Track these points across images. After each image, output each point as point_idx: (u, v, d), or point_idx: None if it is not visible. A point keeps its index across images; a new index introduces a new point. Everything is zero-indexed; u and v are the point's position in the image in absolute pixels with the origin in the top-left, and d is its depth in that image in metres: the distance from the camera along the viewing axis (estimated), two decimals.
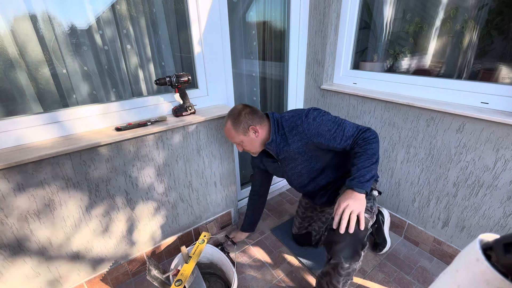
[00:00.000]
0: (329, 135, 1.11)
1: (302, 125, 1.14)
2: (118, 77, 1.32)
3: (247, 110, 1.20)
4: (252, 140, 1.22)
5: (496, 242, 0.32)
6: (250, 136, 1.21)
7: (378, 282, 1.41)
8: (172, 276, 1.23)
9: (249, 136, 1.21)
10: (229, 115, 1.22)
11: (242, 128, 1.19)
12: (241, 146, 1.26)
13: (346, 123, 1.13)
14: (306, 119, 1.14)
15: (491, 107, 1.23)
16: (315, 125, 1.12)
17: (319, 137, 1.13)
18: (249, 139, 1.21)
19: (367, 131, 1.10)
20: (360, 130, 1.11)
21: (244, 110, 1.20)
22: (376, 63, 1.81)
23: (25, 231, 1.07)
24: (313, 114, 1.14)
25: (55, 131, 1.13)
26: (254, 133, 1.20)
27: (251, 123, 1.19)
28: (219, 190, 1.68)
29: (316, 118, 1.13)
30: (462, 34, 1.37)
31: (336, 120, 1.13)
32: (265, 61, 2.02)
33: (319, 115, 1.13)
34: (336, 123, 1.12)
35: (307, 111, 1.16)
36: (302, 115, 1.15)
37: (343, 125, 1.12)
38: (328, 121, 1.12)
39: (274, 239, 1.72)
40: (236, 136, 1.21)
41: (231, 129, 1.21)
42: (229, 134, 1.23)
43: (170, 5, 1.37)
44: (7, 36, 1.01)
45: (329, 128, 1.11)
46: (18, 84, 1.08)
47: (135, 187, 1.30)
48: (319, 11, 1.76)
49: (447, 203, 1.43)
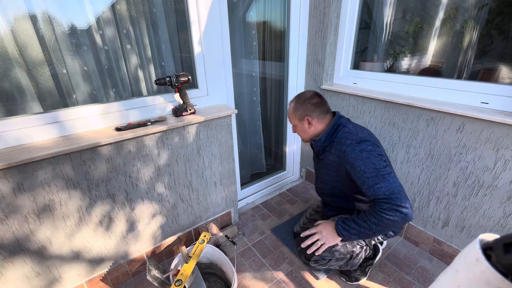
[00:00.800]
0: (360, 175, 1.05)
1: (347, 148, 1.10)
2: (118, 77, 1.32)
3: (314, 100, 1.22)
4: (304, 129, 1.26)
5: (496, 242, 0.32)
6: (303, 125, 1.25)
7: (378, 282, 1.41)
8: (172, 276, 1.23)
9: (303, 124, 1.25)
10: (296, 97, 1.28)
11: (299, 115, 1.24)
12: (294, 129, 1.33)
13: (387, 180, 1.00)
14: (355, 145, 1.09)
15: (491, 107, 1.23)
16: (357, 157, 1.06)
17: (352, 168, 1.08)
18: (302, 127, 1.26)
19: (393, 209, 0.96)
20: (390, 199, 0.97)
21: (310, 100, 1.22)
22: (376, 63, 1.81)
23: (25, 231, 1.07)
24: (365, 147, 1.07)
25: (55, 131, 1.13)
26: (308, 124, 1.23)
27: (309, 113, 1.22)
28: (219, 190, 1.68)
29: (363, 152, 1.06)
30: (462, 34, 1.37)
31: (380, 170, 1.01)
32: (265, 61, 2.02)
33: (368, 152, 1.05)
34: (377, 173, 1.01)
35: (364, 139, 1.10)
36: (356, 139, 1.10)
37: (382, 180, 1.00)
38: (372, 164, 1.03)
39: (274, 239, 1.72)
40: (292, 118, 1.29)
41: (291, 111, 1.28)
42: (289, 113, 1.30)
43: (170, 5, 1.37)
44: (7, 36, 1.01)
45: (366, 170, 1.03)
46: (18, 84, 1.08)
47: (135, 187, 1.30)
48: (319, 11, 1.76)
49: (447, 203, 1.43)
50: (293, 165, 2.35)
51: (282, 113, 2.19)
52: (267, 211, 2.01)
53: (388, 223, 0.99)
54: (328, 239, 1.20)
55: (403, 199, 0.97)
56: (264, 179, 2.21)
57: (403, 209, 0.96)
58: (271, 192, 2.25)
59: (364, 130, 1.19)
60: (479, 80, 1.31)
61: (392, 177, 1.01)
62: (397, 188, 0.98)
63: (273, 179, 2.27)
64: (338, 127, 1.20)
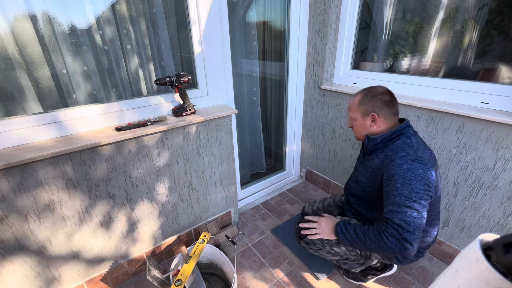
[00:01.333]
0: (391, 190, 0.99)
1: (398, 159, 1.01)
2: (118, 77, 1.32)
3: (385, 97, 1.09)
4: (364, 125, 1.14)
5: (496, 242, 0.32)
6: (365, 121, 1.13)
7: (378, 282, 1.41)
8: (172, 276, 1.23)
9: (364, 120, 1.13)
10: (365, 90, 1.15)
11: (364, 109, 1.12)
12: (351, 123, 1.19)
13: (413, 209, 0.93)
14: (407, 160, 0.99)
15: (491, 107, 1.23)
16: (401, 173, 0.98)
17: (387, 179, 1.02)
18: (362, 123, 1.14)
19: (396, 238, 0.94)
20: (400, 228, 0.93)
21: (382, 96, 1.09)
22: (376, 63, 1.81)
23: (25, 231, 1.07)
24: (416, 168, 0.97)
25: (55, 131, 1.13)
26: (371, 121, 1.11)
27: (377, 110, 1.09)
28: (219, 190, 1.68)
29: (409, 172, 0.97)
30: (462, 34, 1.37)
31: (412, 197, 0.94)
32: (265, 61, 2.02)
33: (415, 175, 0.96)
34: (408, 198, 0.94)
35: (421, 160, 0.98)
36: (413, 155, 0.99)
37: (409, 205, 0.94)
38: (410, 188, 0.95)
39: (274, 239, 1.72)
40: (354, 111, 1.16)
41: (356, 102, 1.14)
42: (351, 104, 1.17)
43: (170, 5, 1.37)
44: (7, 36, 1.01)
45: (399, 190, 0.96)
46: (18, 84, 1.08)
47: (135, 187, 1.30)
48: (319, 11, 1.76)
49: (447, 203, 1.43)
50: (293, 165, 2.35)
51: (282, 113, 2.19)
52: (267, 211, 2.01)
53: (384, 247, 0.97)
54: (324, 232, 1.21)
55: (413, 236, 0.91)
56: (264, 179, 2.21)
57: (407, 244, 0.92)
58: (271, 192, 2.24)
59: (427, 150, 1.05)
60: (479, 80, 1.31)
61: (419, 212, 0.93)
62: (414, 224, 0.92)
63: (273, 179, 2.27)
64: (401, 135, 1.07)
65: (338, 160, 2.01)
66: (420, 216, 0.93)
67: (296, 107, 2.12)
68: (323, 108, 1.98)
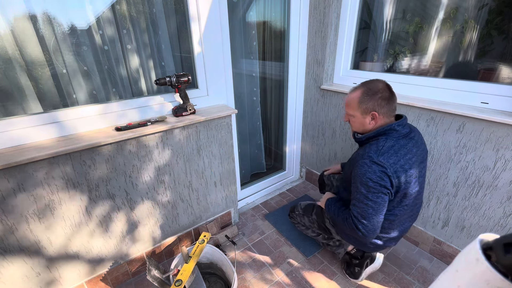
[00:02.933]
0: (354, 184, 1.13)
1: (360, 160, 1.10)
2: (118, 77, 1.33)
3: (386, 93, 1.09)
4: (363, 123, 1.14)
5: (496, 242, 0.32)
6: (365, 119, 1.13)
7: (378, 282, 1.41)
8: (172, 276, 1.23)
9: (364, 118, 1.13)
10: (365, 86, 1.12)
11: (365, 108, 1.11)
12: (349, 117, 1.20)
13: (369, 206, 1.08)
14: (364, 163, 1.07)
15: (491, 107, 1.23)
16: (358, 173, 1.09)
17: (353, 175, 1.14)
18: (361, 120, 1.14)
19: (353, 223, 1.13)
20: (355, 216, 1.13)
21: (383, 92, 1.08)
22: (376, 63, 1.81)
23: (25, 231, 1.07)
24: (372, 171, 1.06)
25: (55, 131, 1.13)
26: (372, 119, 1.12)
27: (378, 109, 1.09)
28: (219, 190, 1.68)
29: (366, 174, 1.06)
30: (462, 34, 1.37)
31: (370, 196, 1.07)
32: (265, 61, 2.02)
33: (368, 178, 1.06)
34: (367, 197, 1.08)
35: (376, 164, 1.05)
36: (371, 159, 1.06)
37: (366, 203, 1.09)
38: (365, 186, 1.07)
39: (274, 239, 1.72)
40: (354, 109, 1.14)
41: (356, 99, 1.12)
42: (350, 101, 1.15)
43: (170, 5, 1.37)
44: (7, 36, 1.01)
45: (359, 186, 1.10)
46: (18, 84, 1.08)
47: (135, 187, 1.30)
48: (319, 11, 1.76)
49: (447, 203, 1.43)
50: (293, 165, 2.35)
51: (282, 113, 2.19)
52: (267, 211, 2.00)
53: (346, 228, 1.19)
54: (322, 202, 1.46)
55: (366, 228, 1.10)
56: (264, 179, 2.21)
57: (359, 233, 1.12)
58: (271, 192, 2.25)
59: (394, 156, 1.06)
60: (479, 80, 1.31)
61: (374, 209, 1.08)
62: (369, 219, 1.09)
63: (273, 179, 2.27)
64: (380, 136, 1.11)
65: (338, 160, 2.01)
66: (375, 213, 1.08)
67: (296, 107, 2.12)
68: (323, 108, 1.98)
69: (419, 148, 1.14)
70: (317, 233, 1.56)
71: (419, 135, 1.18)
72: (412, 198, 1.15)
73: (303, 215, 1.59)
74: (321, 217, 1.48)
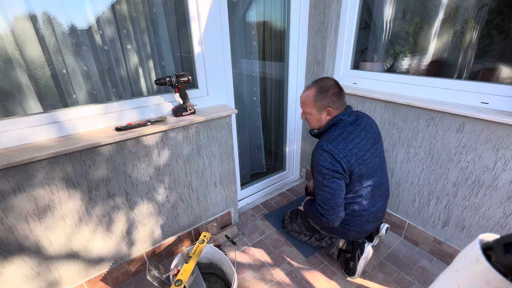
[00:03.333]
0: (313, 174, 1.28)
1: (314, 151, 1.25)
2: (118, 77, 1.33)
3: (336, 89, 1.22)
4: (320, 119, 1.27)
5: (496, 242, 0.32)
6: (321, 115, 1.25)
7: (378, 282, 1.41)
8: (172, 276, 1.23)
9: (320, 114, 1.25)
10: (317, 84, 1.24)
11: (320, 105, 1.23)
12: (306, 115, 1.31)
13: (326, 192, 1.21)
14: (317, 152, 1.21)
15: (491, 107, 1.23)
16: (314, 164, 1.24)
17: (311, 166, 1.30)
18: (318, 117, 1.26)
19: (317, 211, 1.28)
20: (317, 204, 1.27)
21: (333, 89, 1.21)
22: (376, 63, 1.81)
23: (25, 231, 1.07)
24: (323, 159, 1.19)
25: (55, 131, 1.13)
26: (327, 115, 1.25)
27: (331, 105, 1.22)
28: (219, 190, 1.68)
29: (320, 162, 1.20)
30: (462, 34, 1.37)
31: (325, 182, 1.20)
32: (265, 61, 2.02)
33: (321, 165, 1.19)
34: (323, 184, 1.21)
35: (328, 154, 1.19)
36: (322, 148, 1.20)
37: (323, 189, 1.22)
38: (320, 173, 1.21)
39: (274, 239, 1.72)
40: (310, 107, 1.25)
41: (311, 98, 1.23)
42: (305, 100, 1.26)
43: (170, 5, 1.37)
44: (7, 36, 1.01)
45: (316, 175, 1.24)
46: (18, 84, 1.08)
47: (135, 187, 1.30)
48: (319, 11, 1.76)
49: (447, 203, 1.43)
50: (293, 165, 2.35)
51: (282, 113, 2.19)
52: (267, 211, 2.00)
53: (314, 217, 1.33)
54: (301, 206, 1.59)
55: (328, 213, 1.23)
56: (264, 179, 2.21)
57: (323, 218, 1.25)
58: (271, 192, 2.25)
59: (341, 142, 1.20)
60: (479, 80, 1.31)
61: (331, 194, 1.20)
62: (329, 203, 1.22)
63: (273, 179, 2.27)
64: (332, 127, 1.26)
65: None
66: (333, 197, 1.20)
67: (296, 107, 2.12)
68: None
69: (368, 131, 1.26)
70: (309, 236, 1.61)
71: (367, 120, 1.30)
72: (372, 178, 1.26)
73: (291, 222, 1.67)
74: (305, 219, 1.57)
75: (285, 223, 1.73)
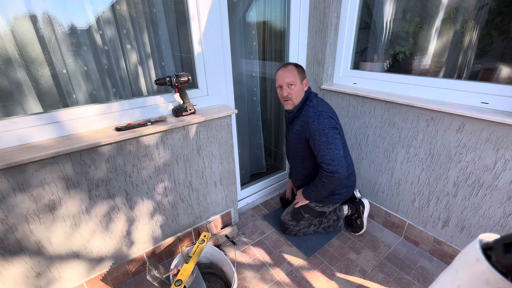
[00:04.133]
0: (314, 143, 1.37)
1: (309, 119, 1.37)
2: (118, 77, 1.33)
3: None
4: (300, 90, 1.42)
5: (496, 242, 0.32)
6: (302, 86, 1.42)
7: (378, 282, 1.41)
8: (172, 276, 1.23)
9: (302, 84, 1.42)
10: (290, 63, 1.43)
11: (301, 76, 1.41)
12: (289, 89, 1.41)
13: (332, 150, 1.33)
14: (315, 117, 1.35)
15: (491, 107, 1.23)
16: (316, 128, 1.34)
17: (310, 137, 1.38)
18: (300, 87, 1.41)
19: (328, 176, 1.35)
20: (326, 164, 1.35)
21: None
22: (376, 63, 1.81)
23: (25, 231, 1.07)
24: (323, 119, 1.35)
25: (55, 131, 1.13)
26: (305, 86, 1.44)
27: (306, 77, 1.45)
28: (219, 190, 1.68)
29: (320, 124, 1.34)
30: (462, 34, 1.37)
31: (329, 141, 1.33)
32: (265, 61, 2.02)
33: (324, 124, 1.34)
34: (327, 143, 1.33)
35: (323, 112, 1.37)
36: (316, 112, 1.36)
37: (328, 149, 1.33)
38: (325, 135, 1.33)
39: (274, 239, 1.73)
40: (295, 76, 1.39)
41: (294, 69, 1.39)
42: (290, 72, 1.39)
43: (170, 5, 1.37)
44: (7, 36, 1.01)
45: (319, 140, 1.34)
46: (18, 84, 1.08)
47: (135, 187, 1.30)
48: (319, 11, 1.76)
49: (447, 203, 1.43)
50: None
51: (282, 113, 2.19)
52: (267, 211, 2.00)
53: (327, 185, 1.39)
54: (300, 201, 1.62)
55: (339, 165, 1.33)
56: (264, 179, 2.21)
57: (336, 174, 1.33)
58: (271, 192, 2.25)
59: (324, 104, 1.44)
60: (479, 80, 1.31)
61: (337, 148, 1.34)
62: (337, 157, 1.33)
63: (273, 179, 2.27)
64: (307, 101, 1.43)
65: None
66: (338, 150, 1.34)
67: None
68: None
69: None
70: (318, 223, 1.70)
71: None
72: (345, 144, 1.51)
73: (297, 223, 1.69)
74: (311, 209, 1.63)
75: (289, 229, 1.71)
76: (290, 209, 1.72)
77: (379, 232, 1.75)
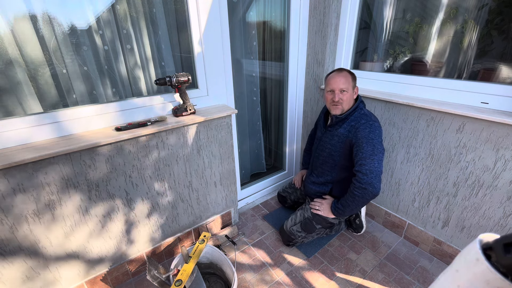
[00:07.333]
0: (359, 150, 1.32)
1: (361, 126, 1.34)
2: (118, 77, 1.32)
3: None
4: (351, 97, 1.40)
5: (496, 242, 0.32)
6: (353, 93, 1.40)
7: (378, 282, 1.41)
8: (172, 276, 1.23)
9: (353, 92, 1.40)
10: (344, 68, 1.41)
11: (354, 83, 1.40)
12: (342, 94, 1.37)
13: (374, 162, 1.28)
14: (367, 125, 1.33)
15: (491, 107, 1.23)
16: (365, 136, 1.31)
17: (356, 143, 1.34)
18: (352, 94, 1.39)
19: (362, 188, 1.29)
20: (363, 173, 1.28)
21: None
22: (376, 63, 1.81)
23: (25, 231, 1.07)
24: (374, 129, 1.32)
25: (55, 131, 1.13)
26: (355, 94, 1.42)
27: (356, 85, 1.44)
28: (219, 190, 1.68)
29: (370, 133, 1.31)
30: (462, 34, 1.37)
31: (375, 152, 1.29)
32: (265, 61, 2.02)
33: (374, 134, 1.31)
34: (372, 153, 1.29)
35: (376, 122, 1.35)
36: (369, 120, 1.34)
37: (370, 160, 1.28)
38: (372, 146, 1.29)
39: (274, 239, 1.72)
40: (349, 83, 1.37)
41: (349, 76, 1.38)
42: (345, 78, 1.37)
43: (170, 5, 1.37)
44: (7, 36, 1.01)
45: (365, 148, 1.30)
46: (18, 84, 1.08)
47: (135, 187, 1.30)
48: (319, 11, 1.76)
49: (447, 203, 1.43)
50: (294, 165, 2.35)
51: (282, 113, 2.19)
52: (267, 211, 2.00)
53: (359, 199, 1.32)
54: (324, 211, 1.53)
55: (375, 180, 1.27)
56: (264, 179, 2.21)
57: (370, 188, 1.27)
58: (271, 192, 2.25)
59: (373, 115, 1.40)
60: (479, 80, 1.31)
61: (378, 161, 1.29)
62: (375, 172, 1.27)
63: (273, 179, 2.27)
64: (357, 109, 1.39)
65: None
66: (380, 165, 1.29)
67: (296, 107, 2.12)
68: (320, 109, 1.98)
69: None
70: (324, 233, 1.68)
71: None
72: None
73: (307, 234, 1.58)
74: (323, 220, 1.55)
75: (296, 239, 1.59)
76: (298, 219, 1.62)
77: (379, 232, 1.75)
